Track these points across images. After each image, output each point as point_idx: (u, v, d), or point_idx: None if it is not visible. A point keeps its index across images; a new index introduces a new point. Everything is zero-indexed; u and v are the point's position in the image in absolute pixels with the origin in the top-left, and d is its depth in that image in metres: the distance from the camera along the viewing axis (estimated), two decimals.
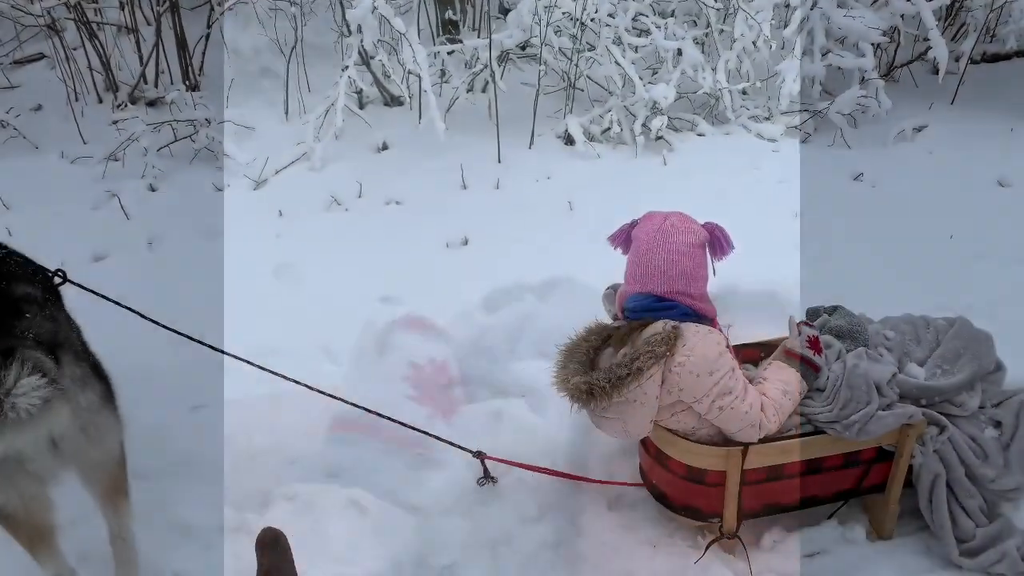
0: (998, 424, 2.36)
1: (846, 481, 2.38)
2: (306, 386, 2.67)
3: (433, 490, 2.60)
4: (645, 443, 2.44)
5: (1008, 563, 2.24)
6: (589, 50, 4.69)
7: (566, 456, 2.70)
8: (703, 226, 2.28)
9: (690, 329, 2.17)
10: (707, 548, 2.33)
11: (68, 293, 2.74)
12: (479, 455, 2.53)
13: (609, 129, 4.62)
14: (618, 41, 4.62)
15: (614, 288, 2.47)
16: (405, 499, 2.57)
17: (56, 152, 4.46)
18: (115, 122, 4.47)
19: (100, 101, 4.98)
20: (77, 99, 4.88)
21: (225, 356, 2.76)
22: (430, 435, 2.58)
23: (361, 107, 4.88)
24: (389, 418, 2.59)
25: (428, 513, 2.53)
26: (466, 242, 3.90)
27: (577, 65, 4.69)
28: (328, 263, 3.76)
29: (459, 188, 4.29)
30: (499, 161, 4.49)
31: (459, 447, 2.56)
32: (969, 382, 2.38)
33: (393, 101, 5.08)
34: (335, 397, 2.62)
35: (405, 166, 4.47)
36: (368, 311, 3.50)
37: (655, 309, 2.24)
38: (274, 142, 4.62)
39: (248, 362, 2.71)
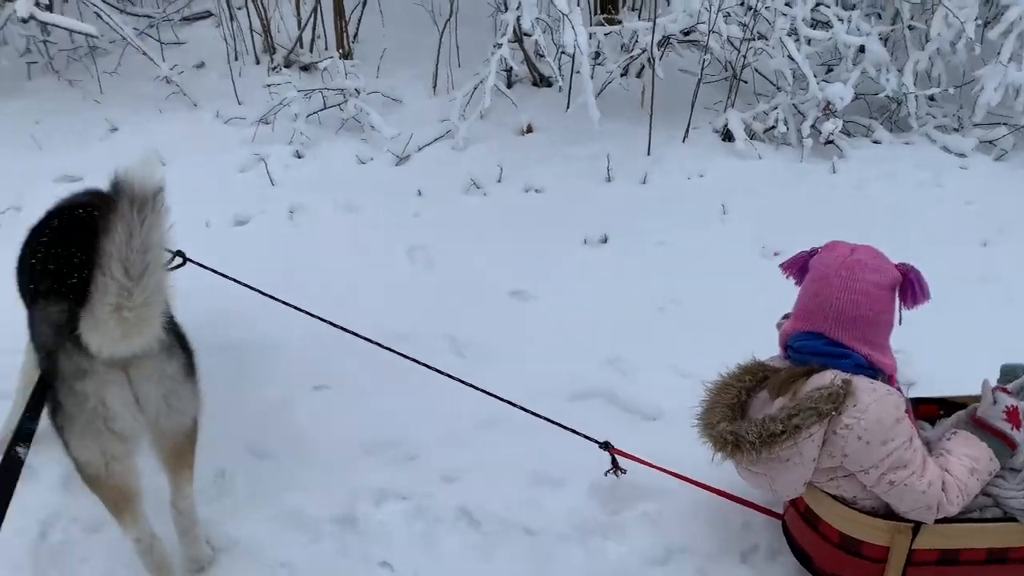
0: None
1: None
2: (437, 370, 2.60)
3: (552, 512, 2.43)
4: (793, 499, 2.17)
5: None
6: (760, 40, 4.31)
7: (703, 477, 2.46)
8: (896, 266, 1.97)
9: (863, 386, 1.88)
10: None
11: (208, 256, 2.78)
12: (606, 446, 2.35)
13: (774, 127, 4.25)
14: (793, 32, 4.22)
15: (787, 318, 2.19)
16: (521, 518, 2.42)
17: (212, 111, 4.55)
18: (268, 85, 4.52)
19: (257, 62, 5.06)
20: (236, 58, 4.97)
21: (349, 335, 2.72)
22: (555, 423, 2.43)
23: (509, 86, 4.72)
24: (516, 405, 2.48)
25: (544, 536, 2.37)
26: (605, 240, 3.69)
27: (744, 56, 4.33)
28: (461, 249, 3.64)
29: (603, 180, 4.07)
30: (648, 153, 4.23)
31: (585, 436, 2.40)
32: None
33: (542, 82, 4.89)
34: (468, 384, 2.51)
35: (548, 152, 4.28)
36: (497, 303, 3.38)
37: (824, 355, 1.96)
38: (419, 117, 4.54)
39: (383, 346, 2.66)
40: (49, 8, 4.61)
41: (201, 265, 2.74)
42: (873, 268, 1.95)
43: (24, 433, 1.82)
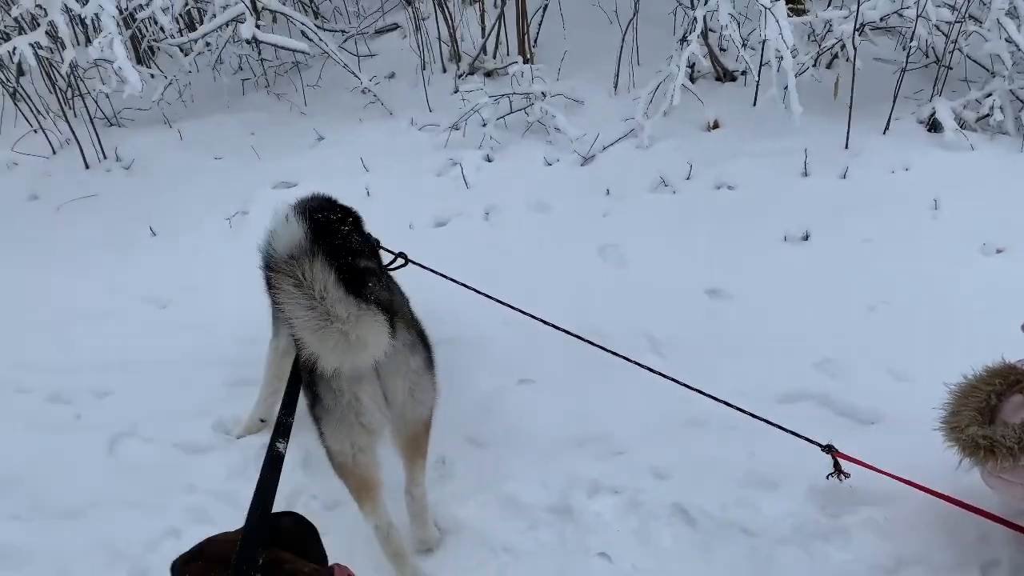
0: None
1: None
2: (637, 363, 2.62)
3: (769, 514, 2.40)
4: None
5: None
6: (971, 21, 4.02)
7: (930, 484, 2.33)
8: None
9: None
10: None
11: (414, 256, 2.94)
12: (829, 449, 2.28)
13: (989, 115, 3.94)
14: (1013, 13, 3.89)
15: None
16: (737, 517, 2.40)
17: (407, 119, 4.80)
18: (457, 91, 4.71)
19: (444, 70, 5.28)
20: (424, 67, 5.22)
21: (550, 330, 2.80)
22: (776, 425, 2.38)
23: (692, 81, 4.66)
24: (732, 405, 2.47)
25: (763, 538, 2.34)
26: (807, 237, 3.56)
27: (955, 40, 4.04)
28: (653, 246, 3.64)
29: (799, 175, 3.93)
30: (846, 147, 4.04)
31: (807, 439, 2.34)
32: None
33: (725, 76, 4.79)
34: (675, 380, 2.52)
35: (738, 148, 4.19)
36: (694, 302, 3.35)
37: None
38: (602, 117, 4.57)
39: (588, 341, 2.72)
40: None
41: (421, 266, 2.91)
42: None
43: (283, 429, 1.97)
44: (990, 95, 3.98)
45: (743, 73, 4.65)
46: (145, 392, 3.14)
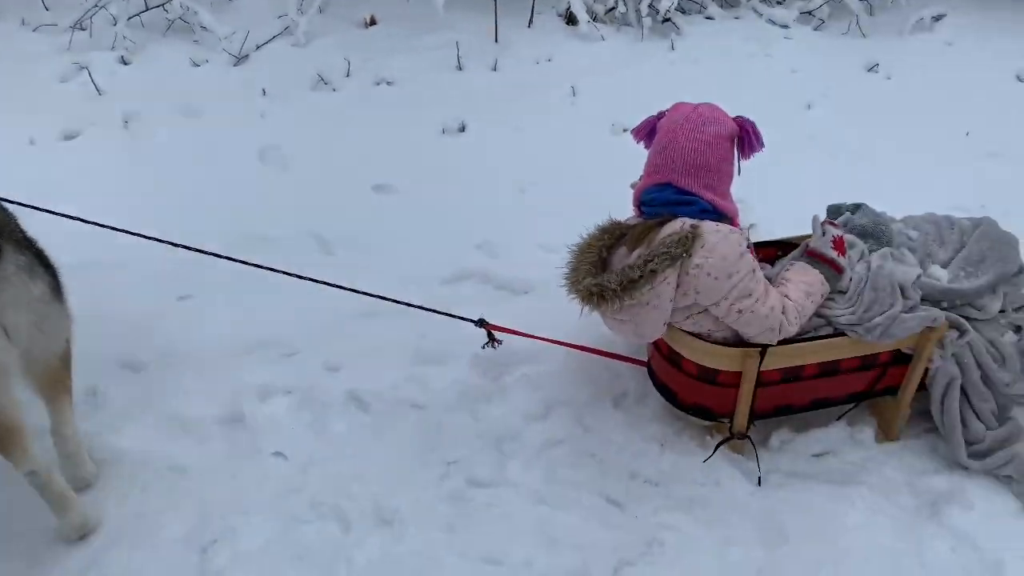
0: (1018, 329, 2.31)
1: (860, 383, 2.34)
2: (297, 276, 2.55)
3: (437, 387, 2.53)
4: (656, 341, 2.37)
5: (1016, 465, 2.24)
6: None
7: (572, 338, 2.61)
8: (734, 119, 2.12)
9: (709, 228, 2.05)
10: (717, 448, 2.30)
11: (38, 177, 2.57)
12: (481, 323, 2.45)
13: (614, 9, 4.34)
14: None
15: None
16: (408, 396, 2.50)
17: (16, 19, 4.10)
18: None
19: None
20: None
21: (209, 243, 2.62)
22: (430, 310, 2.49)
23: None
24: (388, 298, 2.50)
25: (432, 410, 2.46)
26: (463, 128, 3.70)
27: None
28: (317, 146, 3.56)
29: (454, 69, 4.05)
30: (496, 40, 4.23)
31: (459, 317, 2.48)
32: (992, 285, 2.31)
33: None
34: (333, 285, 2.49)
35: (395, 43, 4.19)
36: (361, 199, 3.35)
37: (674, 203, 2.11)
38: (254, 13, 4.31)
39: (230, 259, 2.55)
40: None
41: (9, 201, 2.42)
42: (714, 120, 2.10)
43: None
44: None
45: None
46: None
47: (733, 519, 2.20)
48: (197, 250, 2.47)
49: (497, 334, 2.48)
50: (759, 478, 2.28)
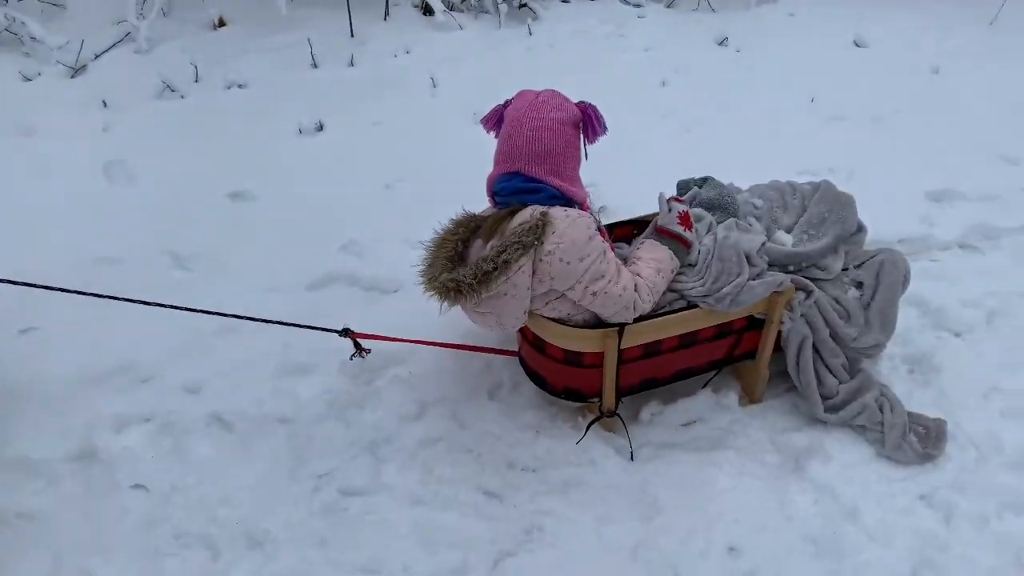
0: (859, 284, 2.43)
1: (719, 351, 2.41)
2: (142, 302, 2.37)
3: (303, 399, 2.45)
4: (522, 330, 2.37)
5: (867, 415, 2.36)
6: None
7: (445, 333, 2.58)
8: (576, 104, 2.13)
9: (558, 214, 2.06)
10: (588, 428, 2.33)
11: None
12: (345, 332, 2.38)
13: None
14: None
15: None
16: (273, 411, 2.42)
17: None
18: None
19: None
20: None
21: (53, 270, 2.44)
22: (291, 324, 2.40)
23: None
24: (249, 318, 2.38)
25: (300, 422, 2.39)
26: (321, 127, 3.60)
27: None
28: (166, 157, 3.39)
29: (309, 67, 3.93)
30: (352, 35, 4.13)
31: (323, 329, 2.39)
32: (833, 245, 2.42)
33: None
34: (182, 308, 2.36)
35: (245, 44, 4.04)
36: (217, 209, 3.21)
37: (522, 192, 2.10)
38: (89, 21, 4.05)
39: (66, 290, 2.33)
40: None
41: None
42: (556, 106, 2.10)
43: None
44: None
45: None
46: None
47: (609, 497, 2.24)
48: (26, 284, 2.27)
49: (364, 342, 2.42)
50: (631, 453, 2.33)
